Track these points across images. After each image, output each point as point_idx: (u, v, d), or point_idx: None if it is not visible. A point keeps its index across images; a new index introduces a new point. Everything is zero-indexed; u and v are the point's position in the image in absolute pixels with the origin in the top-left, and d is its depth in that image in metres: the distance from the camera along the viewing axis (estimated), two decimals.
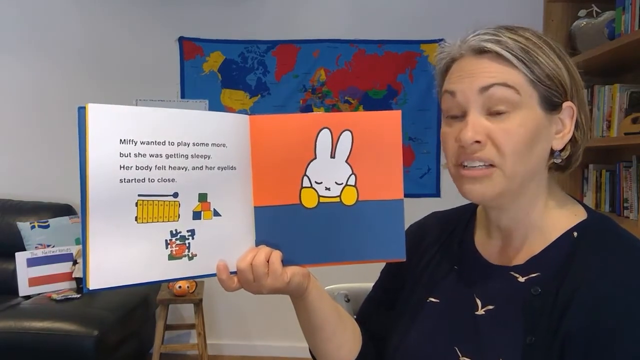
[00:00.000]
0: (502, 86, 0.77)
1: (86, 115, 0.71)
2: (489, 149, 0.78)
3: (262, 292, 0.83)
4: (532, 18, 3.00)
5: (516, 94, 0.77)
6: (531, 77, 0.77)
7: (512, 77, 0.77)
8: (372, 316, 1.03)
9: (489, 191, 0.79)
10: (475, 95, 0.78)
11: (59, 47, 3.51)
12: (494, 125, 0.78)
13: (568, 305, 0.75)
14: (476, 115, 0.78)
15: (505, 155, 0.77)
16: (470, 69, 0.79)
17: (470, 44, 0.80)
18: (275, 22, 3.48)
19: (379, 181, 0.84)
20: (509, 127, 0.77)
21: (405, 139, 3.44)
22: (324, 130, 0.83)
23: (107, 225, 0.72)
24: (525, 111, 0.77)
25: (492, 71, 0.78)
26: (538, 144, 0.79)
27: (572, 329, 0.74)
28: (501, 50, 0.77)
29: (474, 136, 0.77)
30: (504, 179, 0.79)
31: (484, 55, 0.79)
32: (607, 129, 2.60)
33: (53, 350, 2.53)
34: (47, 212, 3.27)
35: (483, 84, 0.78)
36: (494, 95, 0.77)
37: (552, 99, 0.79)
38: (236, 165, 0.82)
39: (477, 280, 0.87)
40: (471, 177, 0.80)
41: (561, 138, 0.81)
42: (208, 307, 3.31)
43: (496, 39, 0.78)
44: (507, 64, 0.77)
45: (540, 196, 0.84)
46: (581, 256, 0.78)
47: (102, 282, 0.72)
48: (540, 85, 0.78)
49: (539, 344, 0.76)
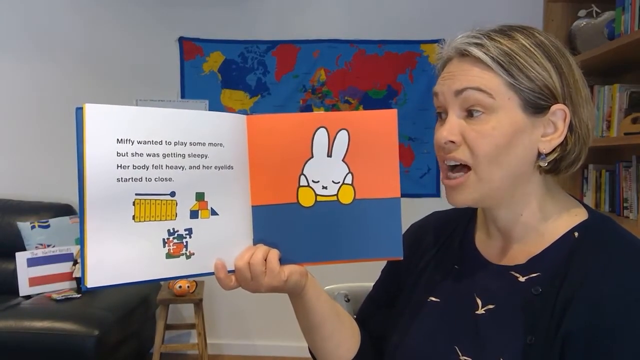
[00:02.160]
0: (475, 90, 0.78)
1: (83, 115, 0.71)
2: (463, 149, 0.80)
3: (260, 290, 0.84)
4: (532, 18, 3.00)
5: (489, 98, 0.78)
6: (510, 80, 0.78)
7: (488, 81, 0.78)
8: (372, 315, 1.03)
9: (467, 198, 0.82)
10: (452, 97, 0.81)
11: (59, 47, 3.52)
12: (469, 127, 0.80)
13: (568, 305, 0.75)
14: (453, 116, 0.81)
15: (477, 156, 0.79)
16: (452, 71, 0.82)
17: (455, 45, 0.82)
18: (275, 22, 3.48)
19: (375, 180, 0.85)
20: (482, 129, 0.79)
21: (405, 138, 3.44)
22: (320, 129, 0.84)
23: (104, 224, 0.73)
24: (502, 114, 0.78)
25: (469, 75, 0.79)
26: (516, 146, 0.79)
27: (573, 329, 0.74)
28: (481, 55, 0.78)
29: (447, 136, 0.80)
30: (479, 183, 0.80)
31: (466, 59, 0.81)
32: (607, 129, 2.60)
33: (53, 350, 2.54)
34: (47, 212, 3.27)
35: (457, 88, 0.80)
36: (468, 99, 0.79)
37: (537, 102, 0.79)
38: (233, 165, 0.82)
39: (478, 280, 0.87)
40: (451, 186, 0.83)
41: (549, 141, 0.80)
42: (208, 307, 3.31)
43: (478, 43, 0.79)
44: (485, 67, 0.79)
45: (532, 197, 0.84)
46: (582, 256, 0.78)
47: (100, 280, 0.73)
48: (521, 89, 0.78)
49: (540, 343, 0.76)
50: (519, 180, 0.82)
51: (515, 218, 0.85)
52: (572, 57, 0.82)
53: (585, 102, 0.81)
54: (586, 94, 0.82)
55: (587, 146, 0.83)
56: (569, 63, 0.81)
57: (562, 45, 0.82)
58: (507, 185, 0.81)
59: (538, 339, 0.76)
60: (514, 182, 0.82)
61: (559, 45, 0.81)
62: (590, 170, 2.82)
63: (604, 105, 2.61)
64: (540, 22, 3.01)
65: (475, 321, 0.84)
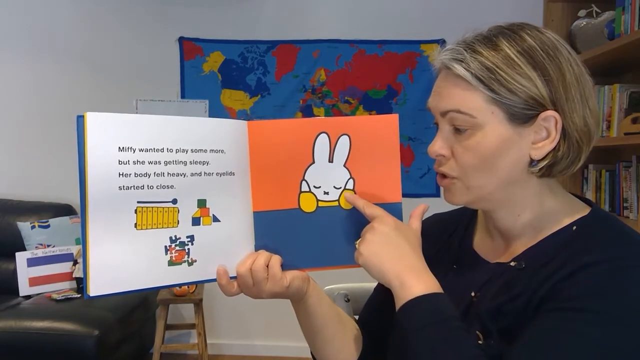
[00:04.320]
0: (456, 113, 0.80)
1: (85, 124, 0.71)
2: (451, 162, 0.83)
3: (262, 296, 0.84)
4: (532, 18, 2.98)
5: (471, 118, 0.79)
6: (492, 95, 0.77)
7: (469, 100, 0.79)
8: (374, 317, 1.03)
9: (455, 199, 0.85)
10: (439, 116, 0.83)
11: (59, 47, 3.51)
12: (457, 142, 0.81)
13: (549, 277, 0.76)
14: (443, 130, 0.83)
15: (464, 169, 0.81)
16: (439, 86, 0.84)
17: (441, 59, 0.82)
18: (275, 22, 3.48)
19: (377, 185, 0.85)
20: (468, 144, 0.80)
21: (405, 139, 3.44)
22: (321, 135, 0.84)
23: (106, 232, 0.73)
24: (487, 129, 0.79)
25: (452, 94, 0.80)
26: (504, 156, 0.80)
27: (547, 295, 0.75)
28: (461, 71, 0.78)
29: (436, 150, 0.83)
30: (466, 190, 0.83)
31: (450, 72, 0.81)
32: (607, 129, 2.60)
33: (53, 350, 2.54)
34: (47, 212, 3.27)
35: (442, 109, 0.82)
36: (453, 118, 0.81)
37: (522, 112, 0.78)
38: (235, 171, 0.82)
39: (475, 279, 0.88)
40: (442, 185, 0.86)
41: (541, 147, 0.79)
42: (208, 307, 3.32)
43: (459, 59, 0.79)
44: (466, 85, 0.79)
45: (530, 199, 0.84)
46: (575, 243, 0.79)
47: (103, 288, 0.73)
48: (503, 103, 0.77)
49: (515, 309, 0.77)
50: (513, 186, 0.82)
51: (514, 218, 0.85)
52: (569, 55, 0.80)
53: (581, 103, 0.79)
54: (584, 93, 0.80)
55: (590, 145, 0.82)
56: (559, 66, 0.78)
57: (557, 43, 0.80)
58: (500, 190, 0.82)
59: (516, 305, 0.77)
60: (506, 187, 0.82)
61: (550, 45, 0.79)
62: (590, 170, 2.82)
63: (604, 105, 2.61)
64: (540, 22, 3.01)
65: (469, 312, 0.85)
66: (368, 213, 0.83)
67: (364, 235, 0.82)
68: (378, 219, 0.82)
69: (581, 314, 0.71)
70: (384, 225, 0.81)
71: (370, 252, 0.80)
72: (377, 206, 0.83)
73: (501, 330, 0.78)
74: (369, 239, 0.80)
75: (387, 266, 0.79)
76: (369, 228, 0.82)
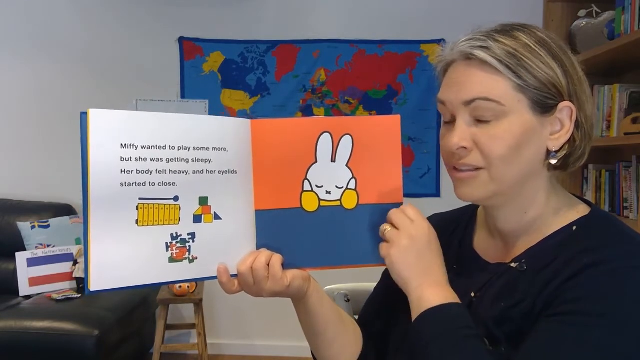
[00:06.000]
0: (483, 100, 0.78)
1: (88, 120, 0.72)
2: (475, 154, 0.80)
3: (263, 295, 0.84)
4: (532, 18, 2.99)
5: (499, 106, 0.77)
6: (518, 82, 0.77)
7: (496, 88, 0.77)
8: (374, 318, 1.03)
9: (477, 192, 0.82)
10: (461, 106, 0.80)
11: (59, 47, 3.51)
12: (480, 132, 0.79)
13: (550, 281, 0.76)
14: (463, 122, 0.80)
15: (490, 160, 0.79)
16: (458, 77, 0.81)
17: (460, 49, 0.80)
18: (275, 22, 3.48)
19: (379, 185, 0.85)
20: (494, 133, 0.78)
21: (405, 138, 3.44)
22: (324, 135, 0.84)
23: (108, 228, 0.73)
24: (513, 117, 0.78)
25: (476, 81, 0.78)
26: (527, 147, 0.79)
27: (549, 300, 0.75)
28: (487, 58, 0.77)
29: (459, 142, 0.80)
30: (491, 182, 0.80)
31: (472, 62, 0.79)
32: (607, 129, 2.60)
33: (53, 350, 2.54)
34: (47, 212, 3.26)
35: (466, 98, 0.79)
36: (478, 108, 0.78)
37: (545, 101, 0.78)
38: (237, 169, 0.82)
39: (475, 279, 0.88)
40: (460, 179, 0.82)
41: (557, 139, 0.81)
42: (208, 307, 3.31)
43: (483, 45, 0.78)
44: (493, 71, 0.78)
45: (539, 195, 0.84)
46: (575, 243, 0.79)
47: (103, 284, 0.73)
48: (529, 90, 0.77)
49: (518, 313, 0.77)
50: (528, 179, 0.82)
51: (520, 216, 0.85)
52: (573, 54, 0.82)
53: (588, 97, 0.82)
54: (589, 90, 0.83)
55: (592, 141, 0.84)
56: (571, 60, 0.81)
57: (562, 43, 0.82)
58: (517, 184, 0.81)
59: (519, 309, 0.77)
60: (523, 181, 0.82)
61: (560, 42, 0.81)
62: (590, 170, 2.82)
63: (604, 105, 2.61)
64: (540, 22, 3.01)
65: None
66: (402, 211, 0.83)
67: (398, 239, 0.81)
68: (416, 224, 0.82)
69: (581, 317, 0.71)
70: (421, 231, 0.81)
71: (399, 260, 0.81)
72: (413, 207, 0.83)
73: (508, 337, 0.78)
74: (404, 246, 0.81)
75: (411, 276, 0.81)
76: (405, 230, 0.81)
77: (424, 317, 0.78)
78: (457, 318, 0.77)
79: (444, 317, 0.77)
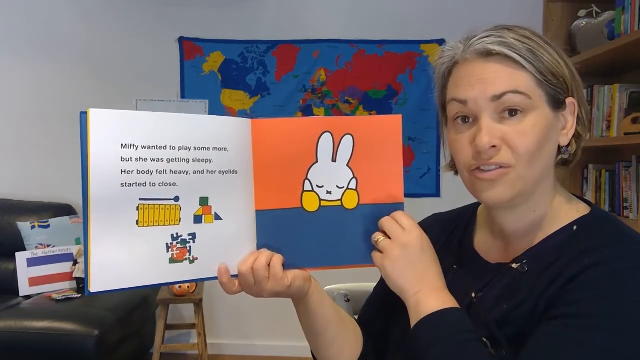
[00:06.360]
0: (514, 94, 0.77)
1: (88, 120, 0.71)
2: (505, 151, 0.78)
3: (263, 295, 0.84)
4: (532, 18, 3.00)
5: (527, 99, 0.77)
6: (538, 77, 0.78)
7: (522, 81, 0.77)
8: (374, 317, 1.03)
9: (507, 193, 0.79)
10: (488, 102, 0.78)
11: (59, 47, 3.51)
12: (509, 128, 0.78)
13: (553, 282, 0.76)
14: (489, 120, 0.78)
15: (520, 156, 0.77)
16: (479, 74, 0.79)
17: (476, 47, 0.79)
18: (275, 22, 3.48)
19: (380, 185, 0.85)
20: (524, 128, 0.77)
21: (405, 139, 3.44)
22: (325, 134, 0.84)
23: (108, 229, 0.73)
24: (537, 112, 0.78)
25: (504, 76, 0.77)
26: (548, 142, 0.79)
27: (552, 300, 0.75)
28: (509, 52, 0.77)
29: (490, 141, 0.77)
30: (519, 180, 0.79)
31: (491, 59, 0.78)
32: (607, 129, 2.60)
33: (53, 350, 2.54)
34: (47, 212, 3.26)
35: (495, 93, 0.77)
36: (507, 102, 0.77)
37: (558, 96, 0.80)
38: (238, 169, 0.82)
39: (476, 280, 0.87)
40: (488, 179, 0.79)
41: (566, 134, 0.82)
42: (208, 307, 3.31)
43: (502, 41, 0.78)
44: (515, 66, 0.77)
45: (547, 193, 0.84)
46: (578, 243, 0.78)
47: (103, 285, 0.73)
48: (546, 85, 0.78)
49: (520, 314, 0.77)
50: (544, 175, 0.82)
51: (529, 215, 0.84)
52: None
53: (584, 94, 0.84)
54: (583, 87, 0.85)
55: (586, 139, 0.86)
56: (567, 58, 0.82)
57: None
58: (537, 182, 0.81)
59: (520, 310, 0.77)
60: (541, 178, 0.81)
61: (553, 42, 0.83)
62: (590, 170, 2.82)
63: (604, 105, 2.61)
64: (540, 22, 3.01)
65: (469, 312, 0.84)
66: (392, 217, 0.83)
67: (391, 249, 0.81)
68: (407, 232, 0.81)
69: (582, 319, 0.71)
70: (413, 239, 0.81)
71: (393, 271, 0.81)
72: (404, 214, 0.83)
73: (510, 339, 0.77)
74: (397, 256, 0.80)
75: (407, 285, 0.80)
76: (397, 239, 0.81)
77: (423, 323, 0.78)
78: (457, 323, 0.77)
79: (444, 322, 0.77)
